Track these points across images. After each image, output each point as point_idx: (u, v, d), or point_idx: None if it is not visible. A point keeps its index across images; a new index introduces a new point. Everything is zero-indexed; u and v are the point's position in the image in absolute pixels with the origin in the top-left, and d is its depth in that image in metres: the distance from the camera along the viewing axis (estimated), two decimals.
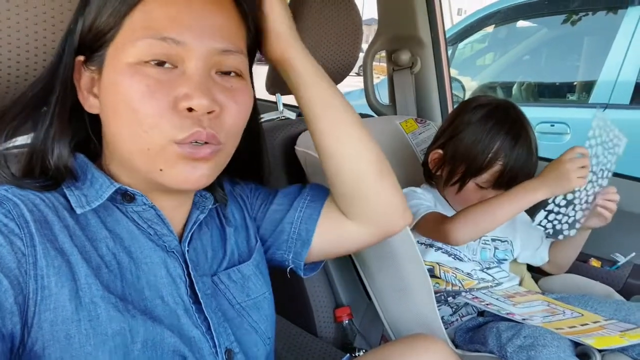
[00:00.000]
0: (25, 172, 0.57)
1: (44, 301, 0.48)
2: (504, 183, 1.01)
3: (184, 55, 0.53)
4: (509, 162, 1.00)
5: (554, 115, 2.57)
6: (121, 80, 0.52)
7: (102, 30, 0.54)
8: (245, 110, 0.58)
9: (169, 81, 0.52)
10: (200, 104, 0.52)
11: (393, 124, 1.35)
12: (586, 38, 2.73)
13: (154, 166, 0.54)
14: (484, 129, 1.02)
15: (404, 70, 1.51)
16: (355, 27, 1.26)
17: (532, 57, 3.02)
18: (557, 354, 0.81)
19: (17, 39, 0.64)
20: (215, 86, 0.54)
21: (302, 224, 0.73)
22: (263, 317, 0.67)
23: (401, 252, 0.97)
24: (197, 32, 0.53)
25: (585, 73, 2.70)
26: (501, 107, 1.05)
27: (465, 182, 1.04)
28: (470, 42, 3.31)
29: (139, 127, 0.52)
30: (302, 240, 0.73)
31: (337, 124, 0.68)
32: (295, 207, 0.74)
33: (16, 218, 0.49)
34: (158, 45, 0.52)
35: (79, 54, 0.56)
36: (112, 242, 0.55)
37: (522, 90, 2.88)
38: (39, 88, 0.57)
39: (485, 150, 1.01)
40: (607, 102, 2.38)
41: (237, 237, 0.70)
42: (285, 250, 0.74)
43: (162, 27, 0.52)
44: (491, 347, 0.92)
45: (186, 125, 0.52)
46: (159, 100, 0.51)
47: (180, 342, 0.56)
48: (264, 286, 0.70)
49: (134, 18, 0.53)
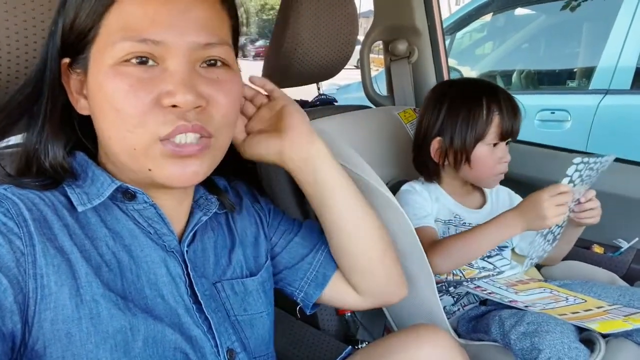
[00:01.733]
0: (21, 171, 0.57)
1: (44, 300, 0.48)
2: (508, 131, 1.06)
3: (165, 53, 0.52)
4: (502, 110, 1.05)
5: (554, 102, 2.56)
6: (104, 81, 0.52)
7: (82, 30, 0.53)
8: (234, 100, 0.57)
9: (152, 79, 0.51)
10: (184, 100, 0.51)
11: (391, 115, 1.34)
12: (585, 24, 2.72)
13: (142, 166, 0.54)
14: (468, 97, 1.07)
15: (401, 60, 1.51)
16: (351, 18, 1.25)
17: (531, 45, 3.01)
18: (561, 340, 0.81)
19: (11, 39, 0.63)
20: (199, 79, 0.53)
21: (321, 268, 0.74)
22: (255, 335, 0.67)
23: (403, 244, 0.97)
24: (177, 30, 0.52)
25: (585, 59, 2.69)
26: (470, 79, 1.20)
27: (472, 150, 1.06)
28: (469, 32, 3.30)
29: (124, 126, 0.51)
30: (317, 283, 0.74)
31: (356, 221, 0.71)
32: (317, 248, 0.75)
33: (15, 217, 0.49)
34: (138, 46, 0.51)
35: (64, 56, 0.55)
36: (112, 241, 0.55)
37: (521, 78, 2.87)
38: (29, 91, 0.57)
39: (479, 112, 1.05)
40: (608, 88, 2.36)
41: (246, 251, 0.70)
42: (296, 288, 0.75)
43: (140, 28, 0.51)
44: (494, 335, 0.92)
45: (170, 120, 0.51)
46: (141, 99, 0.51)
47: (182, 340, 0.56)
48: (264, 305, 0.69)
49: (110, 18, 0.52)
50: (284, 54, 1.18)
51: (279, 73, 1.23)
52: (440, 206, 1.12)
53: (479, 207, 1.15)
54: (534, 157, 1.39)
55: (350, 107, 1.37)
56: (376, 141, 1.24)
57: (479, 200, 1.17)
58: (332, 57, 1.26)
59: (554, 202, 0.91)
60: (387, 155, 1.25)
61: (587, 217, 1.02)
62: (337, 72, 1.35)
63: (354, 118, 1.27)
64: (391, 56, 1.53)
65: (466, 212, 1.13)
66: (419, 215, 1.05)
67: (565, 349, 0.80)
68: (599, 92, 2.39)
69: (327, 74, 1.33)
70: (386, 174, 1.22)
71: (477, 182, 1.12)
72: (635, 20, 2.34)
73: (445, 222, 1.10)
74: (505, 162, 1.08)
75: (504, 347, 0.92)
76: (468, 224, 1.11)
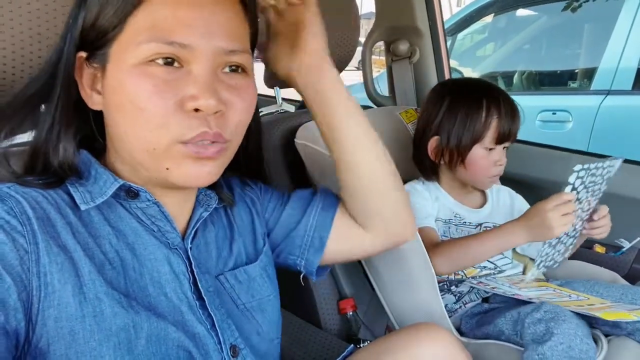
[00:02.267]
0: (27, 169, 0.57)
1: (48, 298, 0.49)
2: (506, 135, 1.05)
3: (190, 57, 0.52)
4: (501, 114, 1.04)
5: (555, 103, 2.56)
6: (127, 79, 0.52)
7: (105, 28, 0.53)
8: (250, 106, 0.58)
9: (176, 81, 0.52)
10: (207, 104, 0.51)
11: (393, 115, 1.34)
12: (587, 25, 2.71)
13: (160, 165, 0.54)
14: (468, 97, 1.07)
15: (402, 60, 1.51)
16: (353, 18, 1.25)
17: (532, 46, 3.01)
18: (576, 331, 0.81)
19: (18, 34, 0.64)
20: (221, 85, 0.54)
21: (316, 232, 0.74)
22: (267, 319, 0.67)
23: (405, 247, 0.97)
24: (203, 33, 0.52)
25: (586, 60, 2.69)
26: (470, 79, 1.17)
27: (469, 151, 1.06)
28: (470, 33, 3.29)
29: (145, 126, 0.52)
30: (315, 248, 0.74)
31: (364, 148, 0.71)
32: (309, 213, 0.75)
33: (19, 215, 0.49)
34: (164, 48, 0.51)
35: (80, 50, 0.55)
36: (116, 239, 0.55)
37: (523, 79, 2.86)
38: (40, 85, 0.57)
39: (477, 114, 1.04)
40: (609, 89, 2.36)
41: (245, 239, 0.71)
42: (297, 256, 0.75)
43: (168, 30, 0.51)
44: (501, 326, 0.92)
45: (194, 126, 0.52)
46: (166, 100, 0.51)
47: (185, 337, 0.56)
48: (269, 288, 0.70)
49: (138, 18, 0.52)
50: None
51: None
52: (440, 205, 1.12)
53: (479, 207, 1.16)
54: (535, 157, 1.39)
55: None
56: None
57: (480, 200, 1.17)
58: (333, 58, 1.25)
59: (559, 211, 0.90)
60: (389, 155, 1.25)
61: (599, 233, 1.02)
62: (339, 72, 1.35)
63: None
64: (392, 56, 1.52)
65: (466, 212, 1.13)
66: (419, 216, 1.05)
67: (577, 340, 0.80)
68: (601, 93, 2.38)
69: None
70: None
71: (471, 183, 1.12)
72: (636, 20, 2.34)
73: (446, 222, 1.10)
74: (501, 165, 1.08)
75: (506, 345, 0.92)
76: (468, 223, 1.11)
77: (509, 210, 1.18)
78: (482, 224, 1.12)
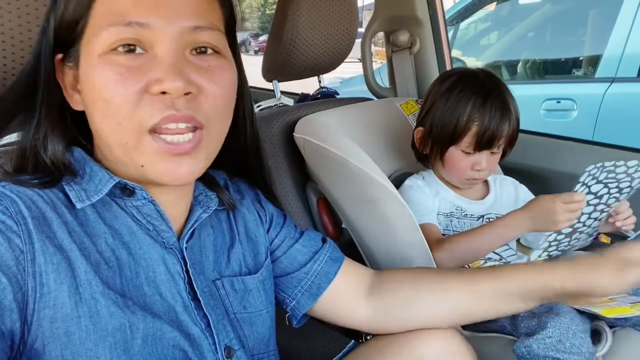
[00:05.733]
0: (18, 169, 0.57)
1: (43, 298, 0.48)
2: (485, 144, 1.02)
3: (153, 39, 0.51)
4: (484, 122, 1.00)
5: (560, 91, 2.54)
6: (94, 72, 0.51)
7: (71, 23, 0.52)
8: (226, 89, 0.56)
9: (140, 67, 0.50)
10: (173, 86, 0.50)
11: (393, 106, 1.33)
12: (591, 11, 2.68)
13: (134, 162, 0.53)
14: (453, 95, 1.04)
15: (402, 51, 1.49)
16: (351, 9, 1.24)
17: (536, 34, 2.98)
18: (568, 325, 0.80)
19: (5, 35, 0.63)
20: (189, 66, 0.52)
21: (316, 279, 0.73)
22: (254, 333, 0.66)
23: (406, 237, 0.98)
24: (163, 12, 0.50)
25: (590, 47, 2.66)
26: (469, 73, 1.08)
27: (446, 150, 1.05)
28: (474, 22, 3.27)
29: (114, 118, 0.51)
30: (310, 293, 0.73)
31: None
32: (316, 259, 0.74)
33: (14, 215, 0.49)
34: (124, 31, 0.50)
35: (57, 52, 0.55)
36: (111, 238, 0.55)
37: (527, 67, 2.84)
38: (21, 91, 0.56)
39: (458, 115, 1.02)
40: (614, 76, 2.34)
41: (245, 249, 0.70)
42: (289, 296, 0.74)
43: (125, 11, 0.50)
44: (502, 320, 0.92)
45: (158, 109, 0.50)
46: (130, 88, 0.50)
47: (181, 337, 0.56)
48: (264, 303, 0.69)
49: (98, 6, 0.51)
50: (283, 47, 1.17)
51: (279, 66, 1.22)
52: (440, 199, 1.11)
53: (481, 198, 1.14)
54: (539, 147, 1.38)
55: (352, 100, 1.36)
56: (378, 133, 1.23)
57: (482, 191, 1.16)
58: (332, 50, 1.25)
59: (568, 209, 0.90)
60: (390, 148, 1.24)
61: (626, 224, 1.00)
62: (337, 65, 1.34)
63: (355, 110, 1.26)
64: (393, 47, 1.51)
65: (467, 204, 1.12)
66: (421, 212, 1.05)
67: (569, 333, 0.79)
68: (606, 81, 2.36)
69: (327, 66, 1.32)
70: (388, 166, 1.21)
71: (446, 177, 1.11)
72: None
73: (447, 215, 1.10)
74: (481, 171, 1.05)
75: (509, 337, 0.91)
76: (470, 215, 1.10)
77: (512, 200, 1.16)
78: (484, 216, 1.11)
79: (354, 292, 0.74)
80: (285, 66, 1.21)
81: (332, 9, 1.21)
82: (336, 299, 0.74)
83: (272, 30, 1.20)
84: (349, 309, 0.74)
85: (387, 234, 1.00)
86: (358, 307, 0.74)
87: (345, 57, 1.32)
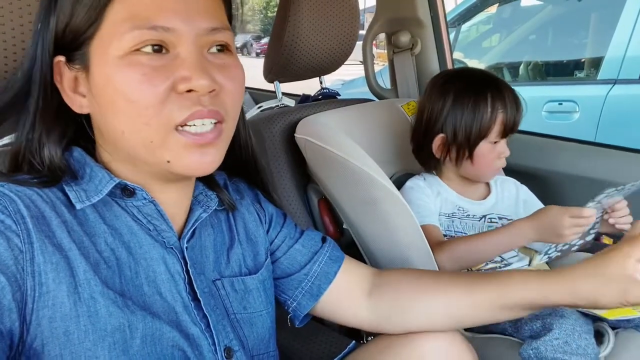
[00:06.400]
0: (11, 170, 0.56)
1: (42, 298, 0.48)
2: (511, 127, 1.05)
3: (175, 40, 0.52)
4: (506, 107, 1.04)
5: (562, 93, 2.54)
6: (114, 72, 0.51)
7: (80, 27, 0.52)
8: (240, 86, 0.58)
9: (165, 66, 0.51)
10: (200, 84, 0.51)
11: (395, 107, 1.33)
12: (593, 13, 2.68)
13: (160, 158, 0.53)
14: (472, 92, 1.05)
15: (404, 52, 1.49)
16: (352, 10, 1.24)
17: (538, 36, 2.98)
18: (573, 327, 0.80)
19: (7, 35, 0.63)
20: (210, 65, 0.54)
21: (317, 280, 0.73)
22: (254, 334, 0.66)
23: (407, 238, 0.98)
24: (183, 15, 0.52)
25: (592, 49, 2.66)
26: (463, 71, 1.14)
27: (475, 147, 1.05)
28: (475, 24, 3.27)
29: (140, 119, 0.51)
30: (311, 294, 0.73)
31: None
32: (316, 259, 0.74)
33: (13, 214, 0.49)
34: (148, 34, 0.51)
35: (56, 54, 0.54)
36: (111, 237, 0.55)
37: (529, 70, 2.84)
38: (13, 94, 0.56)
39: (482, 111, 1.03)
40: (616, 78, 2.33)
41: (245, 249, 0.70)
42: (290, 297, 0.74)
43: (149, 16, 0.51)
44: (503, 324, 0.92)
45: (185, 106, 0.51)
46: (157, 87, 0.51)
47: (180, 337, 0.56)
48: (263, 304, 0.69)
49: (115, 10, 0.51)
50: (284, 48, 1.17)
51: (280, 67, 1.22)
52: (442, 200, 1.11)
53: (482, 198, 1.14)
54: (540, 148, 1.38)
55: (353, 101, 1.36)
56: (379, 134, 1.23)
57: (483, 191, 1.16)
58: (333, 50, 1.25)
59: (575, 223, 0.90)
60: (391, 148, 1.24)
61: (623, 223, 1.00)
62: (338, 66, 1.34)
63: (356, 111, 1.26)
64: (394, 48, 1.51)
65: (469, 204, 1.12)
66: (422, 214, 1.05)
67: (575, 335, 0.79)
68: (608, 82, 2.35)
69: (328, 67, 1.32)
70: (390, 167, 1.21)
71: (475, 178, 1.11)
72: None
73: (449, 216, 1.09)
74: (505, 157, 1.07)
75: (510, 339, 0.91)
76: (472, 215, 1.10)
77: (513, 201, 1.16)
78: (486, 216, 1.11)
79: (354, 292, 0.74)
80: (286, 67, 1.21)
81: (333, 9, 1.21)
82: (337, 298, 0.74)
83: (274, 31, 1.20)
84: (350, 308, 0.74)
85: (389, 235, 1.00)
86: (359, 306, 0.74)
87: (347, 58, 1.32)
